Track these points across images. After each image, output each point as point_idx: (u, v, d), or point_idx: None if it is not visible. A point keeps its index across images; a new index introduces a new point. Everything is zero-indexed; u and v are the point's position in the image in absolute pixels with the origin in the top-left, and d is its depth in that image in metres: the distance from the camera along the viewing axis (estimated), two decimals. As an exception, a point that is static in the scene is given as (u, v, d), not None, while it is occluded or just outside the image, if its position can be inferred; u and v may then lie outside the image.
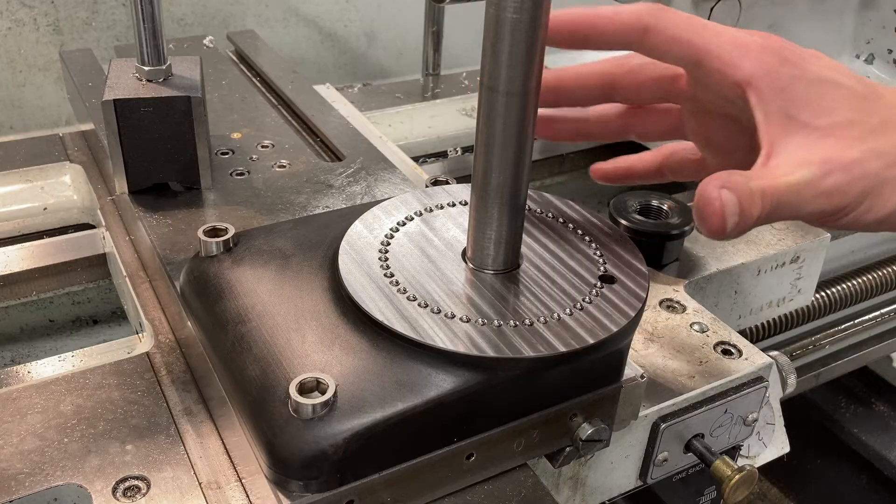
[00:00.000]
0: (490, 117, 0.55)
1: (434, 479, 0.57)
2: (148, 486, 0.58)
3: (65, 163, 0.97)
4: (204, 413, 0.64)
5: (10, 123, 1.39)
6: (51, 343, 0.99)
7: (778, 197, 0.51)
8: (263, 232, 0.69)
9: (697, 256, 0.88)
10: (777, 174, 0.52)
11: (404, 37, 1.64)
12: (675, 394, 0.70)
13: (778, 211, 0.52)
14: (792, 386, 0.83)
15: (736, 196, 0.50)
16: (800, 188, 0.51)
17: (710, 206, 0.51)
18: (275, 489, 0.52)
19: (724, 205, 0.50)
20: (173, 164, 0.80)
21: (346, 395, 0.53)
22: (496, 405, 0.56)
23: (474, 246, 0.61)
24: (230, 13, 1.48)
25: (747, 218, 0.51)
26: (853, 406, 1.73)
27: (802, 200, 0.51)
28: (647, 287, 0.61)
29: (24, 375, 0.74)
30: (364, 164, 0.89)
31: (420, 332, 0.56)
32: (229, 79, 1.10)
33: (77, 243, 0.91)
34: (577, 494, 0.71)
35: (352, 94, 1.28)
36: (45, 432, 0.61)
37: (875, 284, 1.20)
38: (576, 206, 0.71)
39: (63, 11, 1.35)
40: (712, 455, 0.70)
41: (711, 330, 0.78)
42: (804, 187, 0.51)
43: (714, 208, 0.51)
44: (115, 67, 0.82)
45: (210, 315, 0.62)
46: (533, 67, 0.53)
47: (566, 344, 0.56)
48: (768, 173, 0.52)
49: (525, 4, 0.50)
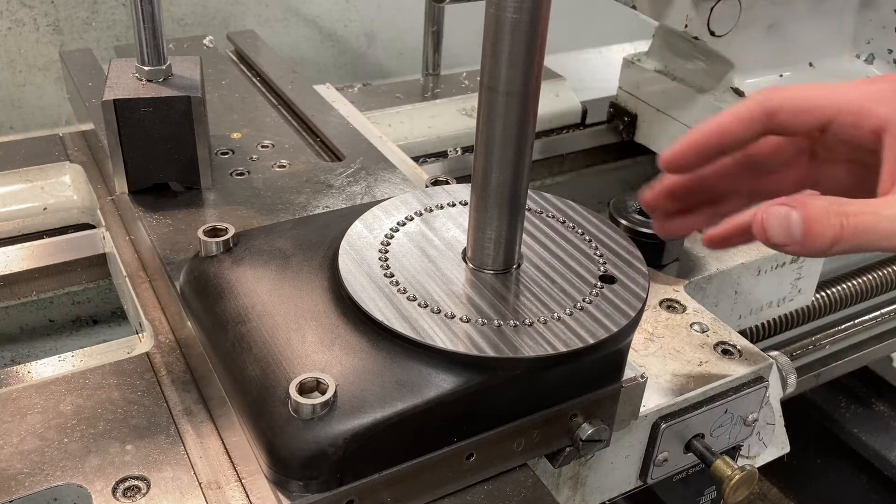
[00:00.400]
0: (490, 117, 0.55)
1: (434, 479, 0.57)
2: (148, 486, 0.58)
3: (65, 163, 0.97)
4: (204, 413, 0.64)
5: (10, 123, 1.39)
6: (51, 343, 0.99)
7: (868, 226, 0.52)
8: (263, 232, 0.69)
9: (697, 256, 0.88)
10: (877, 206, 0.53)
11: (404, 37, 1.64)
12: (675, 394, 0.70)
13: (867, 239, 0.52)
14: (792, 386, 0.83)
15: (802, 215, 0.52)
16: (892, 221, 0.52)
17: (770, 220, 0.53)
18: (275, 489, 0.52)
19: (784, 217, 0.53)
20: (173, 164, 0.80)
21: (346, 395, 0.53)
22: (496, 405, 0.56)
23: (474, 246, 0.61)
24: (230, 13, 1.48)
25: (816, 237, 0.52)
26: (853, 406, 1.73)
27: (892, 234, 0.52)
28: (647, 287, 0.61)
29: (24, 375, 0.74)
30: (364, 164, 0.89)
31: (420, 332, 0.56)
32: (229, 79, 1.10)
33: (77, 243, 0.91)
34: (577, 494, 0.71)
35: (352, 94, 1.28)
36: (45, 432, 0.61)
37: (875, 284, 1.20)
38: (576, 206, 0.71)
39: (63, 11, 1.35)
40: (712, 455, 0.70)
41: (711, 330, 0.78)
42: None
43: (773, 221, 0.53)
44: (115, 67, 0.82)
45: (210, 315, 0.62)
46: (533, 67, 0.53)
47: (566, 344, 0.56)
48: (870, 205, 0.53)
49: (525, 4, 0.50)
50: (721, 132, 0.60)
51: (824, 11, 1.13)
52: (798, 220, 0.52)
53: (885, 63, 1.18)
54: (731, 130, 0.59)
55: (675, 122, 1.19)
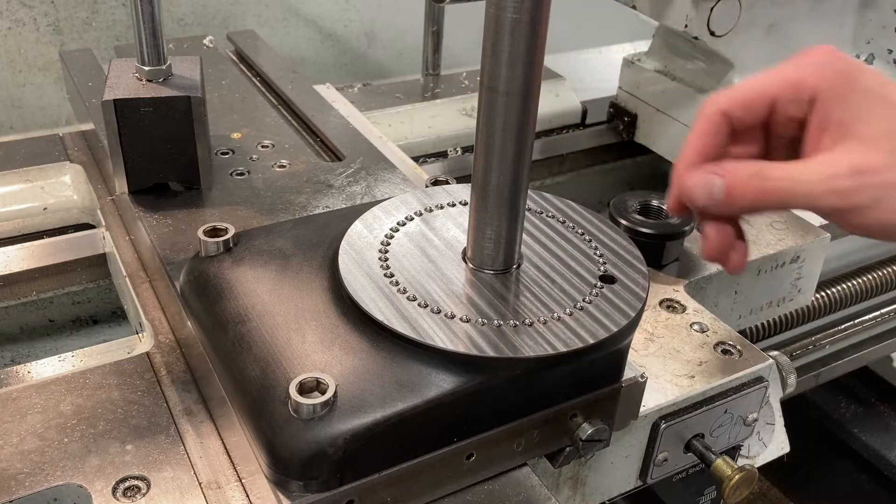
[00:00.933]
0: (490, 117, 0.55)
1: (434, 479, 0.57)
2: (148, 486, 0.58)
3: (65, 163, 0.97)
4: (204, 413, 0.64)
5: (10, 123, 1.39)
6: (51, 343, 0.99)
7: (786, 189, 0.56)
8: (263, 232, 0.69)
9: (697, 256, 0.88)
10: (796, 171, 0.57)
11: (404, 37, 1.64)
12: (675, 394, 0.70)
13: (786, 201, 0.57)
14: (792, 386, 0.83)
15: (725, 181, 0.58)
16: (811, 184, 0.55)
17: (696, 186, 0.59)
18: (275, 489, 0.52)
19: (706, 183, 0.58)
20: (173, 164, 0.80)
21: (346, 395, 0.53)
22: (496, 405, 0.56)
23: (474, 246, 0.61)
24: (230, 13, 1.48)
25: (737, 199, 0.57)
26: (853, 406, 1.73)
27: (814, 194, 0.55)
28: (647, 287, 0.61)
29: (24, 375, 0.74)
30: (364, 164, 0.89)
31: (420, 332, 0.56)
32: (229, 79, 1.10)
33: (77, 243, 0.91)
34: (577, 494, 0.71)
35: (352, 94, 1.28)
36: (45, 432, 0.61)
37: (875, 284, 1.20)
38: (576, 206, 0.71)
39: (63, 11, 1.35)
40: (712, 455, 0.70)
41: (711, 330, 0.78)
42: (816, 184, 0.55)
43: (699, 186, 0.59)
44: (115, 67, 0.82)
45: (210, 315, 0.62)
46: (533, 67, 0.53)
47: (566, 344, 0.56)
48: (791, 170, 0.57)
49: (525, 4, 0.50)
50: (701, 153, 0.62)
51: (824, 11, 1.13)
52: (720, 185, 0.58)
53: (885, 63, 1.18)
54: (706, 150, 0.62)
55: (675, 122, 1.19)
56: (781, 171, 0.57)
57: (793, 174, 0.56)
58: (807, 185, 0.55)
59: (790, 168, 0.57)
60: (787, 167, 0.57)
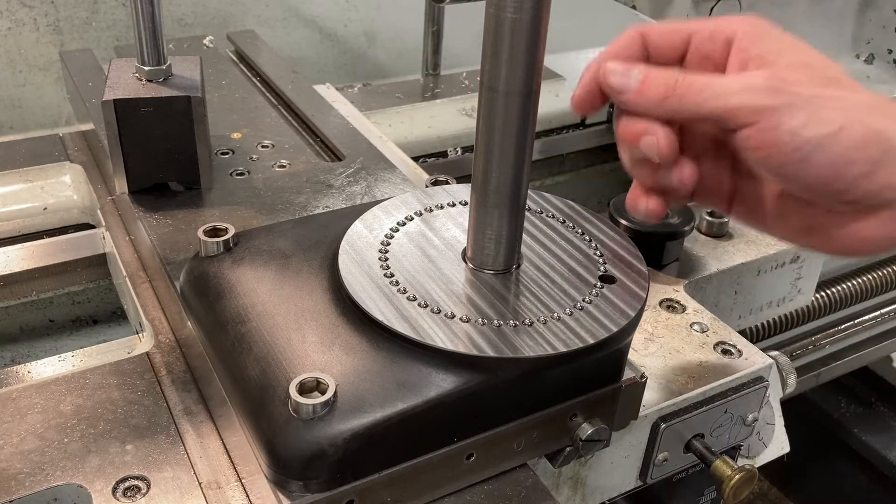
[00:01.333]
0: (490, 117, 0.55)
1: (434, 479, 0.57)
2: (148, 486, 0.58)
3: (65, 163, 0.97)
4: (204, 413, 0.64)
5: (10, 123, 1.39)
6: (51, 343, 0.99)
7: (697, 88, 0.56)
8: (263, 232, 0.69)
9: (697, 256, 0.88)
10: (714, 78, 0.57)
11: (404, 37, 1.64)
12: (675, 394, 0.70)
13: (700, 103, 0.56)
14: (792, 386, 0.83)
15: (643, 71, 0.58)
16: (727, 84, 0.56)
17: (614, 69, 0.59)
18: (275, 489, 0.52)
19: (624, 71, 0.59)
20: (173, 164, 0.80)
21: (346, 395, 0.53)
22: (496, 405, 0.56)
23: (474, 246, 0.61)
24: (230, 13, 1.48)
25: (650, 89, 0.58)
26: (853, 406, 1.73)
27: (729, 92, 0.55)
28: (647, 287, 0.61)
29: (24, 375, 0.74)
30: (364, 164, 0.89)
31: (420, 332, 0.56)
32: (229, 79, 1.10)
33: (77, 243, 0.91)
34: (577, 494, 0.71)
35: (352, 94, 1.28)
36: (45, 432, 0.61)
37: (875, 284, 1.20)
38: (576, 206, 0.71)
39: (63, 11, 1.35)
40: (712, 455, 0.70)
41: (711, 330, 0.78)
42: (732, 83, 0.56)
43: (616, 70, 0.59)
44: (115, 67, 0.82)
45: (210, 315, 0.62)
46: (533, 67, 0.53)
47: (566, 344, 0.56)
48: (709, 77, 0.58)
49: (525, 4, 0.50)
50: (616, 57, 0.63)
51: (824, 12, 1.14)
52: (637, 73, 0.58)
53: (885, 63, 1.18)
54: (619, 56, 0.62)
55: (675, 122, 1.19)
56: (699, 76, 0.58)
57: (709, 78, 0.57)
58: (722, 86, 0.56)
59: (710, 76, 0.58)
60: (705, 75, 0.58)
